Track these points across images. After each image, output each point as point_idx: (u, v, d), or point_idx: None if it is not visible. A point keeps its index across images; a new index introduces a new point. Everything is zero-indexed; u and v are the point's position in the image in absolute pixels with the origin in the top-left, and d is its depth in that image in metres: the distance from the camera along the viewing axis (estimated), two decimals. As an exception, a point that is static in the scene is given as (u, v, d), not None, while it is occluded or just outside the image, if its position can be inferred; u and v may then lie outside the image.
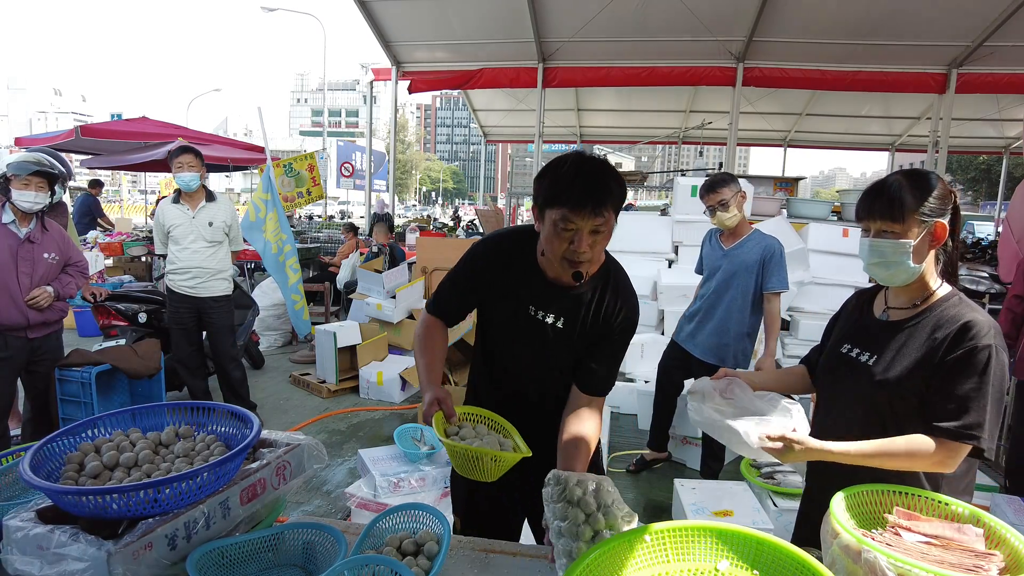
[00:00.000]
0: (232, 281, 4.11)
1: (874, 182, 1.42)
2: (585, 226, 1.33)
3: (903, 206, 1.31)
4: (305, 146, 53.12)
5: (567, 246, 1.35)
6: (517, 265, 1.52)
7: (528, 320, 1.52)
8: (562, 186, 1.32)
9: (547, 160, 1.52)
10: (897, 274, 1.35)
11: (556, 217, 1.33)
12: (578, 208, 1.30)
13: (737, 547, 1.02)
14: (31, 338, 3.04)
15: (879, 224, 1.34)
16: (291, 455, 1.39)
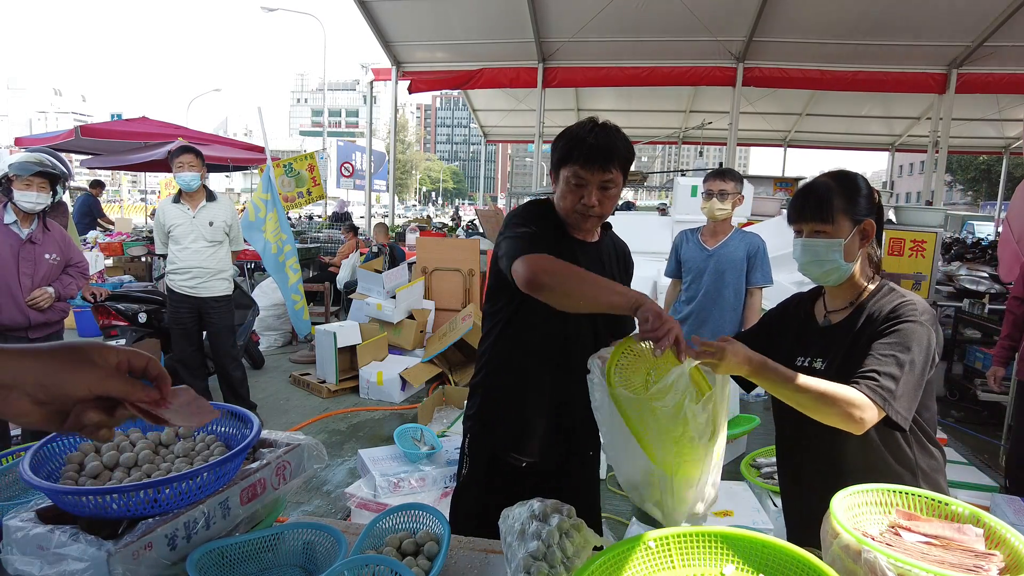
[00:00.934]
0: (232, 281, 4.11)
1: (803, 184, 1.46)
2: (594, 180, 1.48)
3: (832, 207, 1.36)
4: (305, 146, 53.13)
5: (579, 200, 1.50)
6: (551, 223, 1.59)
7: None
8: (574, 144, 1.48)
9: (548, 160, 1.57)
10: (830, 272, 1.39)
11: (568, 173, 1.50)
12: (588, 164, 1.47)
13: (742, 551, 1.02)
14: (32, 338, 3.04)
15: (811, 225, 1.39)
16: (291, 455, 1.39)
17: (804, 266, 1.42)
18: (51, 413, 0.63)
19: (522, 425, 1.65)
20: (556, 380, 1.62)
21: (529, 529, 1.15)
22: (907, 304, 1.32)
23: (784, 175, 11.01)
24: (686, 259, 3.22)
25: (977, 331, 5.57)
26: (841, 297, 1.45)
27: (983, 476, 3.15)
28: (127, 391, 0.67)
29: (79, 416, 0.65)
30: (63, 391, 0.63)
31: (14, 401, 0.61)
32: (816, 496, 1.36)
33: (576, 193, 1.50)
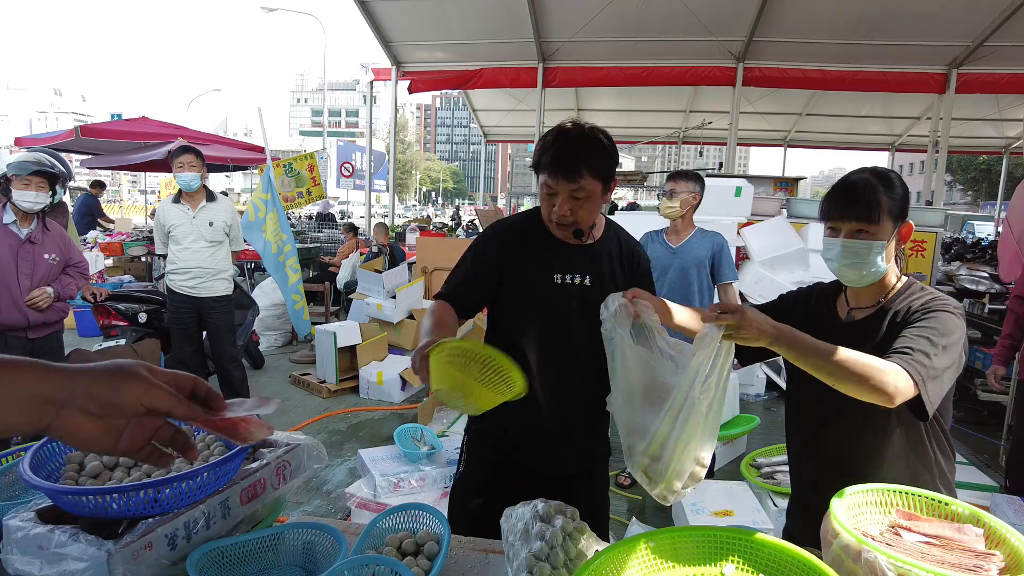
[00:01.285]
0: (232, 281, 4.11)
1: (845, 180, 1.37)
2: (563, 190, 1.43)
3: (879, 206, 1.29)
4: (305, 146, 53.11)
5: (551, 209, 1.47)
6: (532, 240, 1.57)
7: (552, 290, 1.53)
8: (543, 152, 1.45)
9: None
10: (868, 275, 1.33)
11: (541, 181, 1.47)
12: (554, 173, 1.42)
13: (742, 550, 1.02)
14: (31, 338, 3.04)
15: (854, 224, 1.31)
16: (291, 455, 1.39)
17: (841, 268, 1.34)
18: (107, 428, 0.64)
19: (520, 427, 1.62)
20: (557, 383, 1.58)
21: (532, 530, 1.15)
22: (941, 298, 1.30)
23: (784, 175, 11.01)
24: (653, 257, 3.29)
25: (977, 331, 5.56)
26: (868, 296, 1.39)
27: (983, 476, 3.15)
28: (174, 404, 0.68)
29: (135, 433, 0.66)
30: (114, 402, 0.63)
31: (67, 417, 0.61)
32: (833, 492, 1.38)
33: (548, 202, 1.47)
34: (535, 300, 1.54)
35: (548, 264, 1.54)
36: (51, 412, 0.60)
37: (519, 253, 1.55)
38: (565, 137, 1.44)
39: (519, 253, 1.55)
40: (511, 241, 1.57)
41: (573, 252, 1.55)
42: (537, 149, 1.49)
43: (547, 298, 1.54)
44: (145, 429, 0.68)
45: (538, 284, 1.54)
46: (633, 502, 3.27)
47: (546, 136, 1.48)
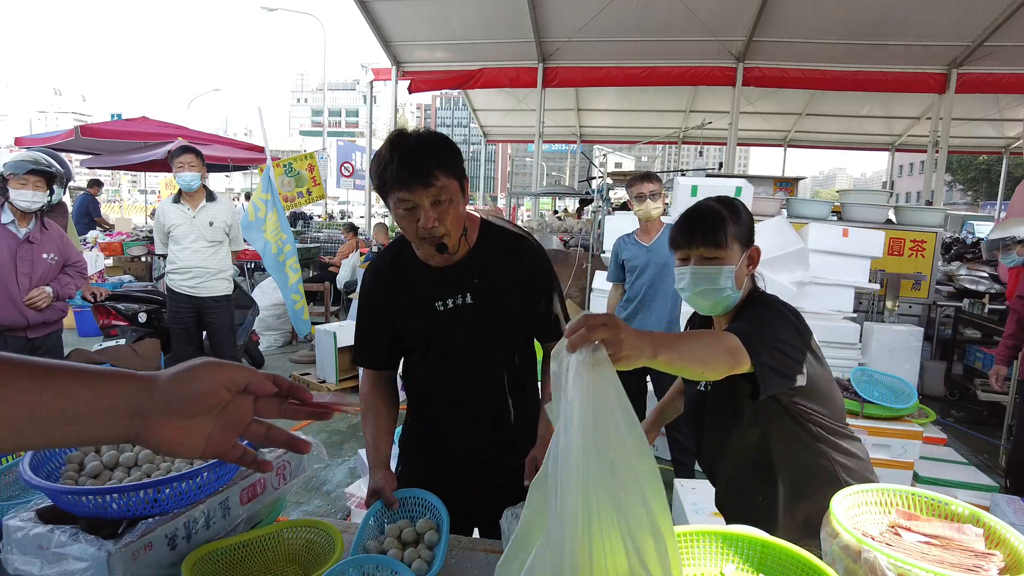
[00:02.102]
0: (232, 281, 4.11)
1: (690, 210, 1.38)
2: (422, 200, 1.28)
3: (726, 231, 1.32)
4: (305, 146, 53.08)
5: (416, 225, 1.31)
6: (399, 275, 1.48)
7: (437, 319, 1.45)
8: (384, 169, 1.28)
9: (548, 160, 1.53)
10: (720, 302, 1.34)
11: (394, 201, 1.31)
12: (407, 182, 1.27)
13: (742, 551, 1.02)
14: (31, 338, 3.04)
15: (702, 251, 1.32)
16: (291, 455, 1.39)
17: (695, 296, 1.35)
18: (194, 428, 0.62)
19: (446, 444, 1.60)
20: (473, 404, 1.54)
21: None
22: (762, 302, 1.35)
23: (784, 175, 11.01)
24: (629, 259, 3.39)
25: (977, 331, 5.57)
26: (724, 323, 1.40)
27: (983, 476, 3.15)
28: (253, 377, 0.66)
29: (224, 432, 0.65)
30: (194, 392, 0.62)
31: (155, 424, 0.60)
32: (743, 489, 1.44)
33: (409, 219, 1.31)
34: (423, 335, 1.49)
35: (426, 294, 1.45)
36: (139, 422, 0.60)
37: (397, 291, 1.48)
38: (404, 143, 1.29)
39: (397, 291, 1.48)
40: (386, 282, 1.50)
41: (443, 274, 1.44)
42: (376, 167, 1.30)
43: (433, 329, 1.47)
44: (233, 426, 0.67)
45: (423, 317, 1.46)
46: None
47: (381, 151, 1.31)
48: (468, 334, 1.47)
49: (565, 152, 28.65)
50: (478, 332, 1.47)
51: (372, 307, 1.54)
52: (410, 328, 1.50)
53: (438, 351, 1.50)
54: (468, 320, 1.46)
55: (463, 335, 1.47)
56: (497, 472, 1.54)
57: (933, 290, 5.57)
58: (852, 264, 4.87)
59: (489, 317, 1.47)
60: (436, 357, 1.50)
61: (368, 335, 1.56)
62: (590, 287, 6.03)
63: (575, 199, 14.15)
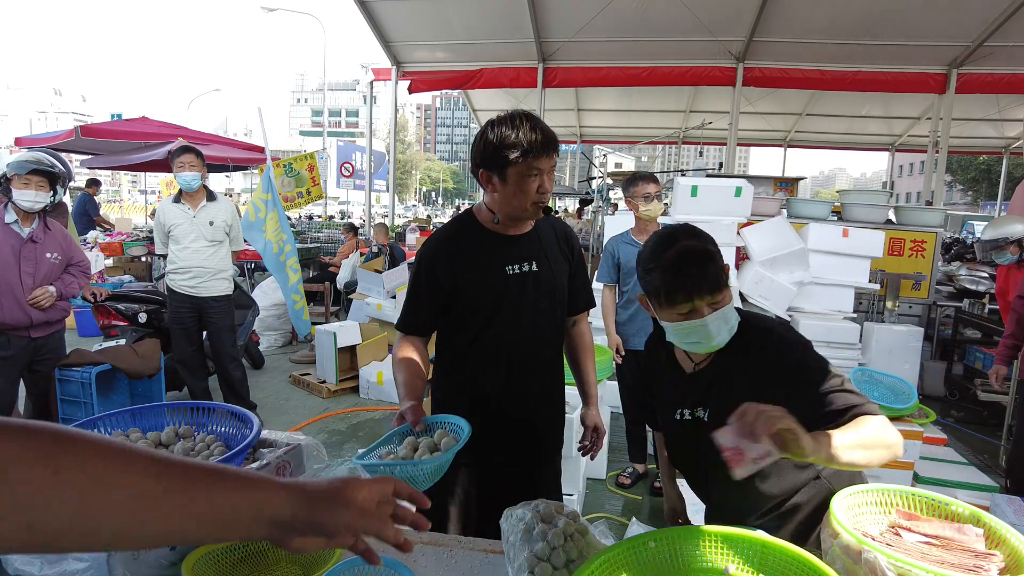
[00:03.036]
0: (232, 281, 4.11)
1: (674, 260, 1.24)
2: (547, 167, 1.51)
3: (722, 274, 1.26)
4: (305, 146, 53.09)
5: (536, 190, 1.51)
6: (467, 243, 1.61)
7: (506, 283, 1.58)
8: (525, 141, 1.47)
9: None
10: (727, 333, 1.28)
11: (523, 169, 1.49)
12: (542, 154, 1.49)
13: (743, 551, 1.02)
14: (34, 337, 3.05)
15: (707, 299, 1.23)
16: (291, 455, 1.39)
17: (707, 343, 1.27)
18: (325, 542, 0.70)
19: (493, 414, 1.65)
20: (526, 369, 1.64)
21: (534, 530, 1.15)
22: (772, 330, 1.30)
23: (784, 175, 11.01)
24: (625, 260, 3.38)
25: (977, 331, 5.57)
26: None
27: (983, 476, 3.15)
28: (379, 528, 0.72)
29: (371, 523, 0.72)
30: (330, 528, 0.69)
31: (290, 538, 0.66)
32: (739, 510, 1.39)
33: (530, 184, 1.51)
34: (493, 297, 1.59)
35: (498, 260, 1.59)
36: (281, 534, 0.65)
37: (466, 257, 1.59)
38: (535, 119, 1.51)
39: (466, 257, 1.59)
40: (454, 249, 1.60)
41: (516, 242, 1.62)
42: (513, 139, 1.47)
43: (504, 292, 1.58)
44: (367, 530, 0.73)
45: (494, 281, 1.58)
46: (633, 502, 3.27)
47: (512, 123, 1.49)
48: (535, 299, 1.61)
49: (565, 152, 28.69)
50: (542, 298, 1.63)
51: (433, 273, 1.59)
52: (479, 292, 1.59)
53: (509, 313, 1.59)
54: (534, 286, 1.61)
55: (531, 299, 1.61)
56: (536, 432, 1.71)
57: (933, 290, 5.57)
58: (852, 264, 4.87)
59: (550, 285, 1.64)
60: (506, 319, 1.59)
61: (422, 302, 1.62)
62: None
63: (575, 199, 14.16)
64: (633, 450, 3.55)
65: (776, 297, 4.88)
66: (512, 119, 1.51)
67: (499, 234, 1.61)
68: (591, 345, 1.85)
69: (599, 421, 1.80)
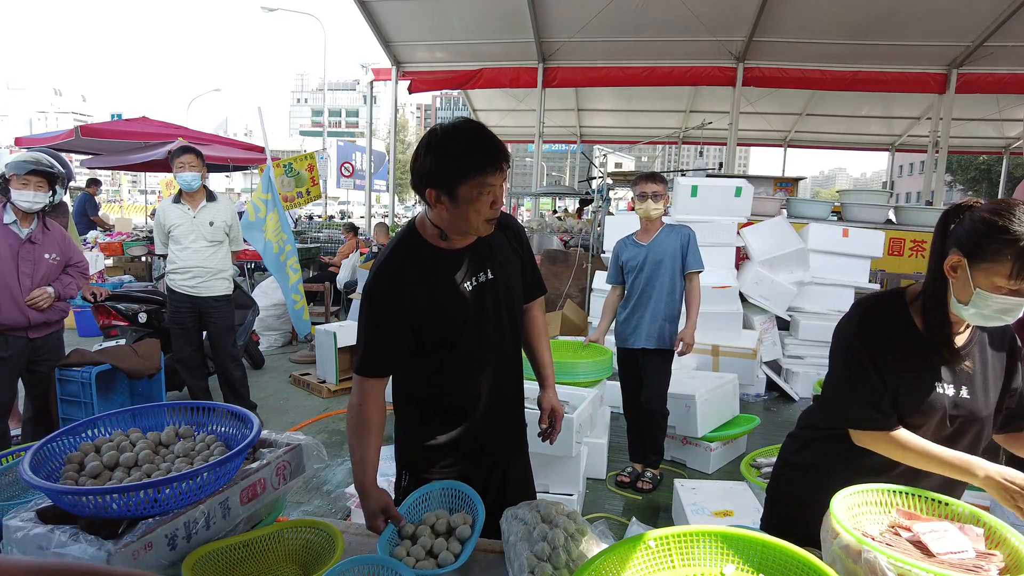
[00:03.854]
0: (232, 281, 4.11)
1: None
2: (499, 181, 1.42)
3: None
4: (305, 146, 53.06)
5: (487, 206, 1.42)
6: (419, 267, 1.49)
7: (466, 297, 1.50)
8: (472, 154, 1.37)
9: (548, 160, 1.54)
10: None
11: (474, 185, 1.38)
12: (495, 166, 1.39)
13: (742, 551, 1.02)
14: (32, 338, 3.04)
15: None
16: (291, 455, 1.39)
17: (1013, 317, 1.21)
18: None
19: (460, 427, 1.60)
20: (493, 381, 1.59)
21: (535, 530, 1.15)
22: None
23: (784, 175, 11.01)
24: (627, 260, 3.42)
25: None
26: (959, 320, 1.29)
27: (983, 476, 3.14)
28: None
29: None
30: None
31: None
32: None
33: (482, 201, 1.40)
34: (457, 312, 1.50)
35: (453, 277, 1.49)
36: None
37: (422, 284, 1.47)
38: (483, 131, 1.41)
39: (422, 284, 1.47)
40: (405, 277, 1.47)
41: (467, 254, 1.52)
42: (459, 152, 1.37)
43: (467, 306, 1.50)
44: None
45: (453, 298, 1.49)
46: (632, 502, 3.27)
47: (459, 137, 1.39)
48: (497, 307, 1.55)
49: (565, 152, 28.65)
50: (503, 303, 1.57)
51: (391, 305, 1.46)
52: (443, 315, 1.49)
53: (474, 326, 1.52)
54: (492, 295, 1.54)
55: (493, 308, 1.54)
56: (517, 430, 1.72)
57: (933, 290, 5.57)
58: (852, 264, 4.87)
59: (506, 290, 1.58)
60: (472, 334, 1.52)
61: (385, 340, 1.48)
62: (590, 287, 6.03)
63: (575, 199, 14.15)
64: (633, 450, 3.55)
65: (776, 297, 4.88)
66: (459, 133, 1.39)
67: (448, 249, 1.50)
68: (544, 328, 1.82)
69: (556, 404, 1.76)
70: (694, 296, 3.35)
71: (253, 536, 1.23)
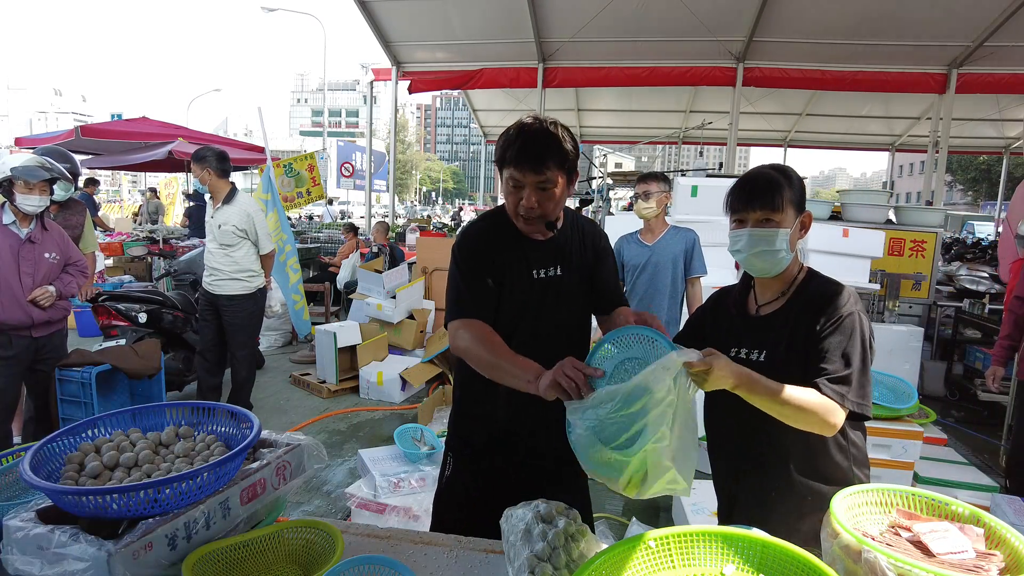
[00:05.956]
0: (253, 283, 4.07)
1: (747, 174, 1.44)
2: (529, 182, 1.44)
3: (782, 195, 1.36)
4: (305, 146, 53.10)
5: (518, 202, 1.46)
6: (501, 238, 1.55)
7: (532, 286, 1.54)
8: (507, 146, 1.45)
9: None
10: (776, 264, 1.39)
11: (506, 175, 1.46)
12: (521, 165, 1.43)
13: (742, 551, 1.02)
14: (35, 337, 3.05)
15: (759, 214, 1.37)
16: (291, 455, 1.39)
17: (751, 257, 1.39)
18: None
19: (494, 416, 1.60)
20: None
21: (534, 530, 1.15)
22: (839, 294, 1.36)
23: (784, 175, 10.98)
24: (628, 258, 3.42)
25: (977, 331, 5.57)
26: (772, 288, 1.45)
27: (983, 476, 3.15)
28: None
29: None
30: None
31: None
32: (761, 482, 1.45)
33: (515, 195, 1.47)
34: (519, 298, 1.54)
35: (525, 261, 1.55)
36: None
37: (497, 254, 1.54)
38: (528, 131, 1.46)
39: (497, 254, 1.54)
40: (489, 244, 1.56)
41: (542, 245, 1.57)
42: (500, 144, 1.47)
43: (529, 294, 1.55)
44: None
45: (520, 282, 1.54)
46: (632, 502, 3.27)
47: (508, 131, 1.47)
48: (557, 304, 1.57)
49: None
50: (565, 303, 1.59)
51: (479, 262, 1.52)
52: (511, 291, 1.53)
53: (532, 317, 1.55)
54: (558, 291, 1.57)
55: (553, 305, 1.56)
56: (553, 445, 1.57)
57: (933, 290, 5.57)
58: (852, 264, 4.86)
59: (574, 289, 1.60)
60: (528, 325, 1.55)
61: (475, 287, 1.51)
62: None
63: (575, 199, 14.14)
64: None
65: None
66: (517, 127, 1.47)
67: (525, 236, 1.55)
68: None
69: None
70: (696, 300, 3.35)
71: (253, 536, 1.23)
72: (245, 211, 3.98)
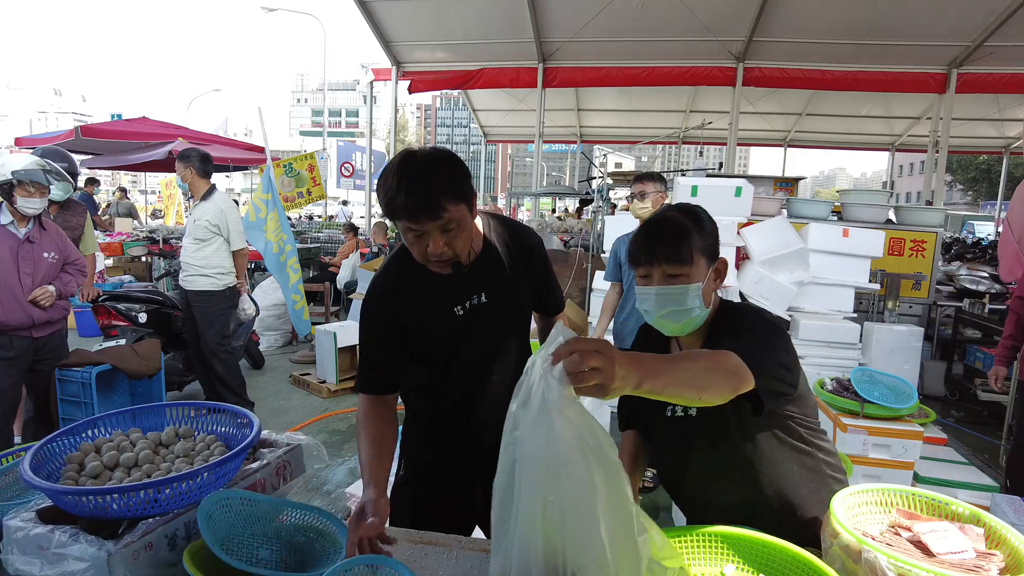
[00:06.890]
0: (219, 279, 4.08)
1: (648, 223, 1.27)
2: (429, 229, 1.27)
3: (691, 245, 1.20)
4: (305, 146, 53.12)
5: (425, 250, 1.30)
6: (407, 286, 1.45)
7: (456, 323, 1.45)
8: (392, 199, 1.24)
9: (548, 160, 1.49)
10: (689, 323, 1.23)
11: (402, 228, 1.29)
12: (416, 217, 1.24)
13: (743, 551, 1.02)
14: (36, 337, 3.06)
15: (665, 268, 1.21)
16: (291, 455, 1.40)
17: (659, 319, 1.24)
18: None
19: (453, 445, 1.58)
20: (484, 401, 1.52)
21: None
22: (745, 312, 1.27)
23: (784, 175, 11.01)
24: (625, 259, 3.37)
25: (977, 331, 5.57)
26: (694, 339, 1.30)
27: (983, 476, 3.14)
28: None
29: None
30: None
31: None
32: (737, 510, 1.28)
33: (419, 244, 1.30)
34: (444, 335, 1.46)
35: (442, 299, 1.44)
36: None
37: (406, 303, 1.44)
38: (411, 175, 1.23)
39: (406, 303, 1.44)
40: (392, 298, 1.45)
41: (459, 278, 1.41)
42: (383, 196, 1.26)
43: (453, 330, 1.46)
44: None
45: (441, 321, 1.45)
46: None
47: (387, 179, 1.25)
48: (485, 332, 1.48)
49: (565, 152, 28.63)
50: (494, 330, 1.49)
51: (382, 326, 1.45)
52: (433, 333, 1.45)
53: (463, 351, 1.47)
54: (483, 319, 1.46)
55: (481, 334, 1.47)
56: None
57: (933, 290, 5.57)
58: (852, 264, 4.86)
59: (505, 312, 1.50)
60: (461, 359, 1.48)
61: (379, 358, 1.46)
62: (590, 287, 6.03)
63: (575, 199, 14.15)
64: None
65: (776, 297, 4.88)
66: (389, 170, 1.25)
67: (435, 273, 1.39)
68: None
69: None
70: None
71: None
72: (219, 207, 4.04)
